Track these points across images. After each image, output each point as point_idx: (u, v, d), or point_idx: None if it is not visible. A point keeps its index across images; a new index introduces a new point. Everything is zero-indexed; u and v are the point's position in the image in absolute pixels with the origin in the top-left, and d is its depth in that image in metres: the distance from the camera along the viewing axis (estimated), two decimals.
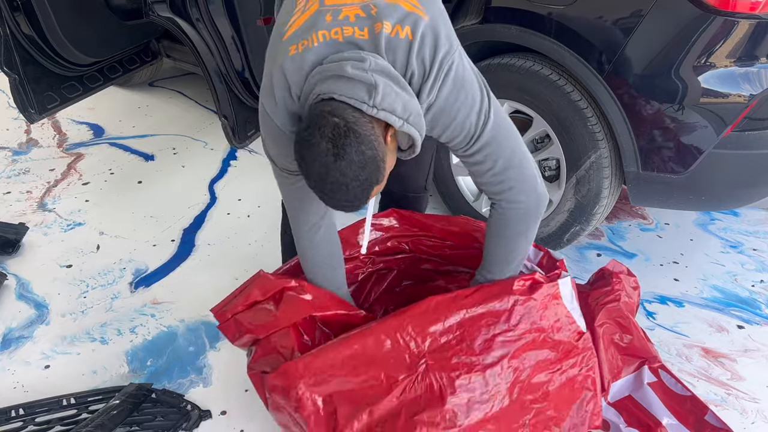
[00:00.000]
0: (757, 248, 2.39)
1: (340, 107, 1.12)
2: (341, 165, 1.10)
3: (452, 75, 1.23)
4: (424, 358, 1.31)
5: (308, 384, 1.34)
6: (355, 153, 1.10)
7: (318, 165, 1.11)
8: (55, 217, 2.62)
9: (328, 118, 1.10)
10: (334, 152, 1.09)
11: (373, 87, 1.12)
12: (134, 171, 2.97)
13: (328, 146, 1.09)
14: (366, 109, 1.12)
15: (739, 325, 2.03)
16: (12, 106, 3.42)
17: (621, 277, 1.69)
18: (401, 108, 1.15)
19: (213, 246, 2.44)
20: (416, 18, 1.20)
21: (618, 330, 1.63)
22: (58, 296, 2.18)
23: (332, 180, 1.11)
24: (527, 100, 2.03)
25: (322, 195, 1.16)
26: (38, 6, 2.48)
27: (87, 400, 1.72)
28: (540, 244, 2.17)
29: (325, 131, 1.09)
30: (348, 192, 1.13)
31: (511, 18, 1.97)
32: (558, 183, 2.08)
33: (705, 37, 1.67)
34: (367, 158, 1.11)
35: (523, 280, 1.42)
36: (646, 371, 1.60)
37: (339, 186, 1.12)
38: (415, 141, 1.23)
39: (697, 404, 1.57)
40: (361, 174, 1.12)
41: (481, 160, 1.33)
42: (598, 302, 1.63)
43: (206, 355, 1.92)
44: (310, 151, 1.11)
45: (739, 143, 1.76)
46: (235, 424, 1.69)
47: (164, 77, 3.97)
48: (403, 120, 1.17)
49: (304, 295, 1.48)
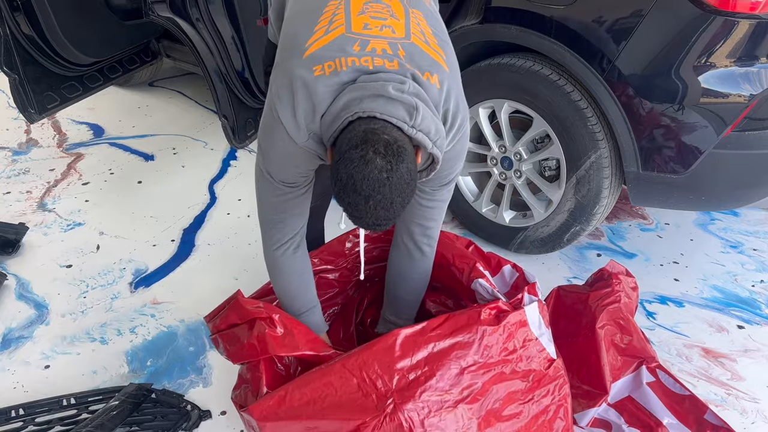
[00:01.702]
0: (757, 248, 2.39)
1: (386, 126, 1.14)
2: (393, 182, 1.11)
3: (465, 132, 1.34)
4: (392, 397, 1.25)
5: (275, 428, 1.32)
6: (405, 170, 1.12)
7: (370, 181, 1.10)
8: (55, 217, 2.62)
9: (380, 136, 1.11)
10: (387, 169, 1.10)
11: (414, 108, 1.15)
12: (134, 171, 2.97)
13: (382, 163, 1.09)
14: (406, 129, 1.15)
15: (739, 325, 2.03)
16: (12, 106, 3.42)
17: (620, 278, 1.69)
18: (434, 131, 1.20)
19: (213, 246, 2.44)
20: (440, 68, 1.26)
21: (618, 331, 1.63)
22: (58, 296, 2.18)
23: (380, 197, 1.11)
24: (527, 100, 2.03)
25: (360, 212, 1.14)
26: (38, 6, 2.48)
27: (87, 400, 1.72)
28: (542, 243, 2.20)
29: (379, 148, 1.10)
30: (391, 209, 1.14)
31: (511, 18, 1.97)
32: (558, 183, 2.08)
33: (705, 37, 1.67)
34: (413, 176, 1.14)
35: (489, 309, 1.37)
36: (645, 371, 1.61)
37: (384, 203, 1.12)
38: (435, 162, 1.26)
39: (696, 403, 1.57)
40: (405, 190, 1.14)
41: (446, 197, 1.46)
42: (598, 304, 1.63)
43: (206, 355, 1.92)
44: (362, 168, 1.10)
45: (739, 143, 1.76)
46: (235, 424, 1.69)
47: (164, 77, 3.97)
48: (432, 143, 1.20)
49: (275, 329, 1.42)
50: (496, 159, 2.21)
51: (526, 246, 2.25)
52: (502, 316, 1.36)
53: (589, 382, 1.60)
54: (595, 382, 1.59)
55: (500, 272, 1.63)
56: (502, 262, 1.64)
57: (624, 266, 1.75)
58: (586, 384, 1.61)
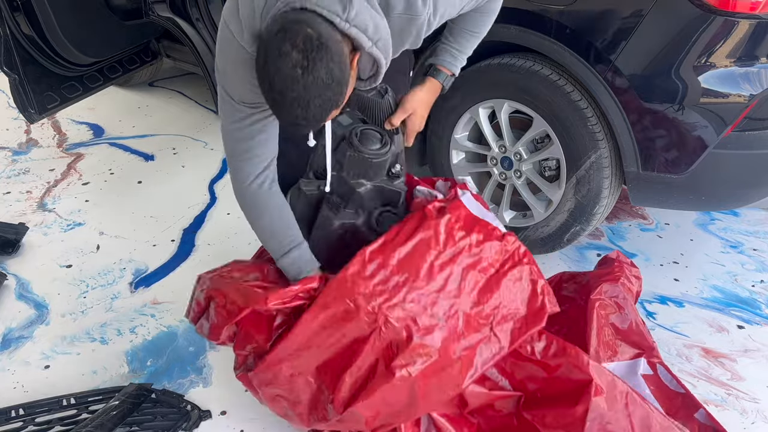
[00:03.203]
0: (757, 248, 2.39)
1: (314, 18, 1.08)
2: (307, 80, 1.05)
3: None
4: (380, 310, 1.35)
5: (291, 365, 1.42)
6: (324, 70, 1.06)
7: (282, 75, 1.06)
8: (55, 217, 2.62)
9: (303, 27, 1.05)
10: (302, 65, 1.04)
11: (348, 1, 1.09)
12: (134, 171, 2.97)
13: (298, 57, 1.04)
14: (338, 22, 1.09)
15: (739, 325, 2.03)
16: (12, 106, 3.41)
17: (623, 265, 1.74)
18: (372, 28, 1.14)
19: (213, 246, 2.44)
20: None
21: (615, 310, 1.67)
22: (58, 296, 2.18)
23: (294, 95, 1.07)
24: (527, 100, 2.03)
25: (278, 107, 1.12)
26: (38, 6, 2.48)
27: (87, 400, 1.72)
28: (542, 244, 2.20)
29: (297, 41, 1.04)
30: (308, 110, 1.09)
31: (511, 18, 1.97)
32: (558, 183, 2.08)
33: (705, 37, 1.67)
34: (334, 78, 1.08)
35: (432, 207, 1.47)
36: (643, 363, 1.63)
37: (299, 102, 1.08)
38: (379, 68, 1.22)
39: (690, 401, 1.58)
40: (325, 93, 1.08)
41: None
42: (597, 280, 1.69)
43: (206, 355, 1.92)
44: (277, 59, 1.05)
45: (739, 143, 1.76)
46: (235, 424, 1.69)
47: (164, 77, 3.97)
48: (372, 42, 1.15)
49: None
50: (496, 159, 2.21)
51: (526, 246, 2.25)
52: (445, 208, 1.47)
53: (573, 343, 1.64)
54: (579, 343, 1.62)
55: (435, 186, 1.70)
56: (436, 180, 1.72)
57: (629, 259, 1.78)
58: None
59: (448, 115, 2.22)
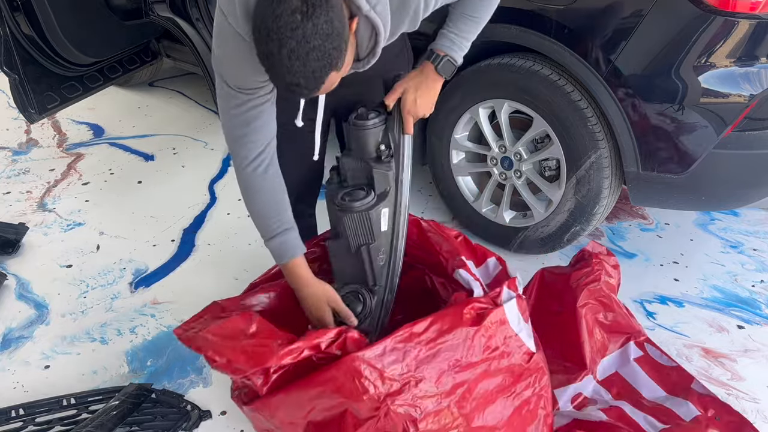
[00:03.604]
0: (757, 248, 2.39)
1: None
2: (307, 27, 1.03)
3: None
4: (385, 401, 1.31)
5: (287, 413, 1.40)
6: (323, 17, 1.03)
7: (282, 22, 1.02)
8: (55, 217, 2.62)
9: None
10: (302, 10, 1.02)
11: None
12: (134, 171, 2.98)
13: (297, 3, 1.02)
14: None
15: (739, 325, 2.03)
16: (12, 106, 3.41)
17: (600, 258, 1.75)
18: None
19: (213, 246, 2.44)
20: None
21: (601, 309, 1.69)
22: (58, 296, 2.18)
23: (292, 46, 1.04)
24: (527, 100, 2.03)
25: (275, 64, 1.08)
26: (38, 6, 2.48)
27: (87, 400, 1.72)
28: (542, 243, 2.20)
29: None
30: (306, 64, 1.06)
31: (511, 18, 1.97)
32: (558, 183, 2.08)
33: (705, 37, 1.67)
34: (334, 28, 1.06)
35: (470, 308, 1.41)
36: (632, 346, 1.67)
37: (298, 53, 1.04)
38: (378, 39, 1.21)
39: (683, 374, 1.64)
40: (325, 44, 1.05)
41: None
42: (579, 283, 1.69)
43: None
44: (276, 6, 1.02)
45: (739, 143, 1.76)
46: (235, 424, 1.69)
47: (164, 77, 3.97)
48: (371, 6, 1.14)
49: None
50: (496, 159, 2.21)
51: (526, 246, 2.25)
52: (483, 314, 1.40)
53: (570, 359, 1.66)
54: (575, 358, 1.65)
55: (485, 264, 1.66)
56: (488, 255, 1.67)
57: (604, 246, 1.80)
58: (567, 361, 1.67)
59: (448, 115, 2.22)
